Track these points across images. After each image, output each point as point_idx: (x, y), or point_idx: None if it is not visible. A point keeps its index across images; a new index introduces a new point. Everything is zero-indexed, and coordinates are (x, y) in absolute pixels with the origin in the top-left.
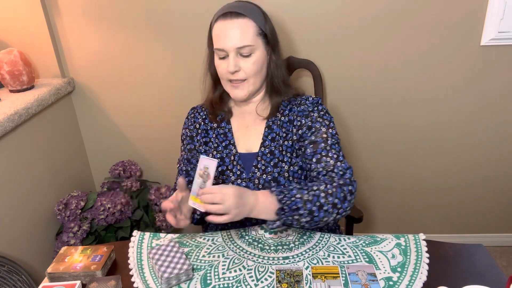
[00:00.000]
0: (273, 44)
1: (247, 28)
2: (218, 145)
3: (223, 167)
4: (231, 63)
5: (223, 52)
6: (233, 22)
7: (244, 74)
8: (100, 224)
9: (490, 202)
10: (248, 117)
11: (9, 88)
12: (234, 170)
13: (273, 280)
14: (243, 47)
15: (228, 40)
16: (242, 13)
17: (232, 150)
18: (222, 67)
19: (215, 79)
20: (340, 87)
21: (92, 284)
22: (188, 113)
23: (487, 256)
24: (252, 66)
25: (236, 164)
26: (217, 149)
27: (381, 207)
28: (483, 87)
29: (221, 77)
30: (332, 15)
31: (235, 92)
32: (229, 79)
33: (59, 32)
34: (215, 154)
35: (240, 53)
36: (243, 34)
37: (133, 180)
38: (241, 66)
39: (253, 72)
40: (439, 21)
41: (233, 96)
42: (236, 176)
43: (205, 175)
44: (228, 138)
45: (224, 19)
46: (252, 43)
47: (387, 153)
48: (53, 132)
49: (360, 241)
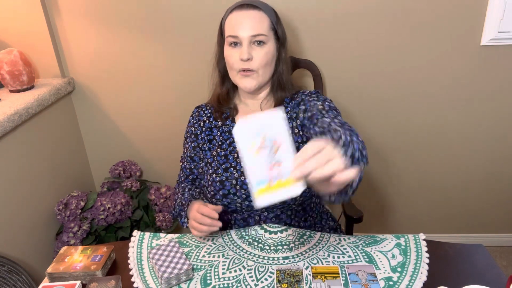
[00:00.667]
0: (283, 43)
1: (262, 19)
2: (223, 142)
3: (226, 165)
4: (244, 50)
5: (236, 39)
6: (249, 12)
7: (256, 64)
8: (100, 224)
9: (490, 202)
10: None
11: (9, 88)
12: (237, 167)
13: (273, 280)
14: (258, 35)
15: (243, 28)
16: (258, 6)
17: (236, 147)
18: (233, 55)
19: (223, 75)
20: (340, 87)
21: (92, 284)
22: (193, 112)
23: (487, 256)
24: (264, 57)
25: (240, 162)
26: (222, 147)
27: (381, 207)
28: (483, 87)
29: (231, 68)
30: (332, 15)
31: (245, 82)
32: (240, 69)
33: (59, 32)
34: (219, 152)
35: (254, 42)
36: (259, 24)
37: (133, 180)
38: (253, 55)
39: (264, 62)
40: (439, 21)
41: (242, 86)
42: (239, 173)
43: (269, 143)
44: (232, 135)
45: (240, 10)
46: (266, 33)
47: (387, 153)
48: (53, 132)
49: (360, 241)
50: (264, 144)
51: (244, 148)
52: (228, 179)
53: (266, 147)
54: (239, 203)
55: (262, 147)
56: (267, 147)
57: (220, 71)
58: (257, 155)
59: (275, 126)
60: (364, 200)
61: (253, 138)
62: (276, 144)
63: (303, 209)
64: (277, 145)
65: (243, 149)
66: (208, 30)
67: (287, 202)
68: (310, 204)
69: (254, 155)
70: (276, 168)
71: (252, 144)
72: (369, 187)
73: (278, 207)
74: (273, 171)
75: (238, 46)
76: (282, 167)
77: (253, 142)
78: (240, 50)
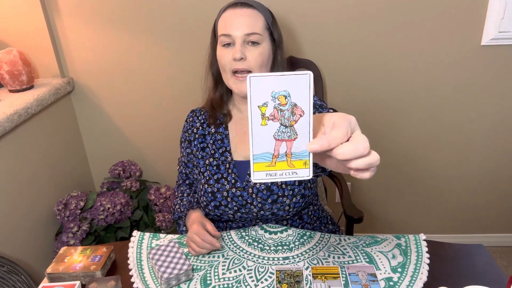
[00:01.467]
0: (279, 44)
1: (256, 18)
2: (215, 151)
3: (218, 175)
4: (237, 49)
5: (229, 39)
6: (243, 11)
7: (249, 64)
8: (100, 224)
9: (491, 202)
10: (246, 122)
11: (8, 88)
12: (229, 179)
13: (273, 281)
14: (251, 34)
15: (237, 26)
16: (253, 5)
17: (228, 157)
18: (226, 55)
19: (216, 79)
20: (340, 87)
21: (92, 285)
22: (188, 116)
23: (488, 256)
24: (258, 57)
25: (231, 172)
26: (214, 156)
27: (381, 207)
28: (484, 87)
29: (224, 69)
30: (332, 15)
31: (240, 86)
32: (233, 70)
33: (58, 32)
34: (212, 161)
35: (248, 41)
36: (253, 22)
37: (132, 180)
38: (247, 55)
39: (258, 63)
40: (440, 21)
41: (237, 90)
42: (230, 184)
43: (289, 107)
44: (225, 144)
45: (233, 8)
46: (260, 33)
47: (387, 153)
48: (52, 132)
49: (360, 241)
50: (283, 107)
51: (255, 108)
52: (219, 190)
53: (283, 113)
54: (231, 214)
55: (277, 113)
56: (284, 114)
57: (214, 74)
58: (268, 121)
59: (301, 91)
60: (364, 200)
61: (268, 98)
62: (297, 112)
63: (299, 218)
64: (298, 113)
65: (253, 109)
66: (209, 31)
67: (280, 214)
68: (307, 212)
69: (264, 121)
70: (287, 143)
71: (265, 107)
72: (369, 187)
73: (273, 218)
74: (282, 146)
75: (231, 46)
76: (296, 142)
77: (266, 103)
78: (233, 50)
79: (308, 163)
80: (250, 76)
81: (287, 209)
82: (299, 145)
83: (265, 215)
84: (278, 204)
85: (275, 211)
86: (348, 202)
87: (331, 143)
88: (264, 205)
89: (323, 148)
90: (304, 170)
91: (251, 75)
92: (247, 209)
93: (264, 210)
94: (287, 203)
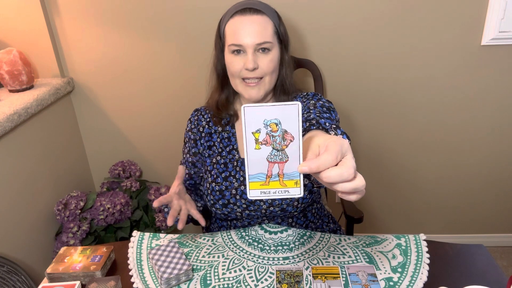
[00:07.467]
0: (286, 45)
1: (266, 25)
2: (222, 150)
3: (226, 173)
4: (250, 59)
5: (240, 47)
6: (253, 18)
7: (262, 72)
8: (100, 224)
9: (491, 203)
10: None
11: (8, 88)
12: (237, 176)
13: (273, 281)
14: (263, 43)
15: (248, 35)
16: (262, 10)
17: (235, 155)
18: (237, 63)
19: (222, 80)
20: (340, 87)
21: (92, 285)
22: (191, 115)
23: (488, 257)
24: (270, 64)
25: (239, 170)
26: (221, 154)
27: (382, 207)
28: (484, 87)
29: (233, 75)
30: (332, 15)
31: (250, 92)
32: (244, 78)
33: (58, 32)
34: (219, 159)
35: (259, 49)
36: (263, 31)
37: (132, 180)
38: (258, 64)
39: (270, 69)
40: (440, 21)
41: (247, 96)
42: (239, 182)
43: (280, 133)
44: (232, 143)
45: (242, 15)
46: (271, 40)
47: (387, 153)
48: (52, 132)
49: (360, 241)
50: (275, 134)
51: (249, 135)
52: (228, 188)
53: (275, 139)
54: (239, 212)
55: (269, 138)
56: (275, 139)
57: (219, 75)
58: (261, 145)
59: (291, 119)
60: (364, 200)
61: (260, 126)
62: (288, 137)
63: (304, 216)
64: (288, 138)
65: (248, 135)
66: (209, 31)
67: (289, 210)
68: (311, 210)
69: (258, 145)
70: (279, 165)
71: (258, 133)
72: (369, 187)
73: (279, 215)
74: (274, 168)
75: (242, 54)
76: (287, 164)
77: (259, 130)
78: (244, 58)
79: (299, 183)
80: (245, 106)
81: (295, 204)
82: (290, 167)
83: (274, 211)
84: (287, 200)
85: (284, 206)
86: (348, 202)
87: (320, 166)
88: (274, 201)
89: (312, 170)
90: (295, 189)
91: (246, 106)
92: (256, 206)
93: (274, 206)
94: (295, 198)
